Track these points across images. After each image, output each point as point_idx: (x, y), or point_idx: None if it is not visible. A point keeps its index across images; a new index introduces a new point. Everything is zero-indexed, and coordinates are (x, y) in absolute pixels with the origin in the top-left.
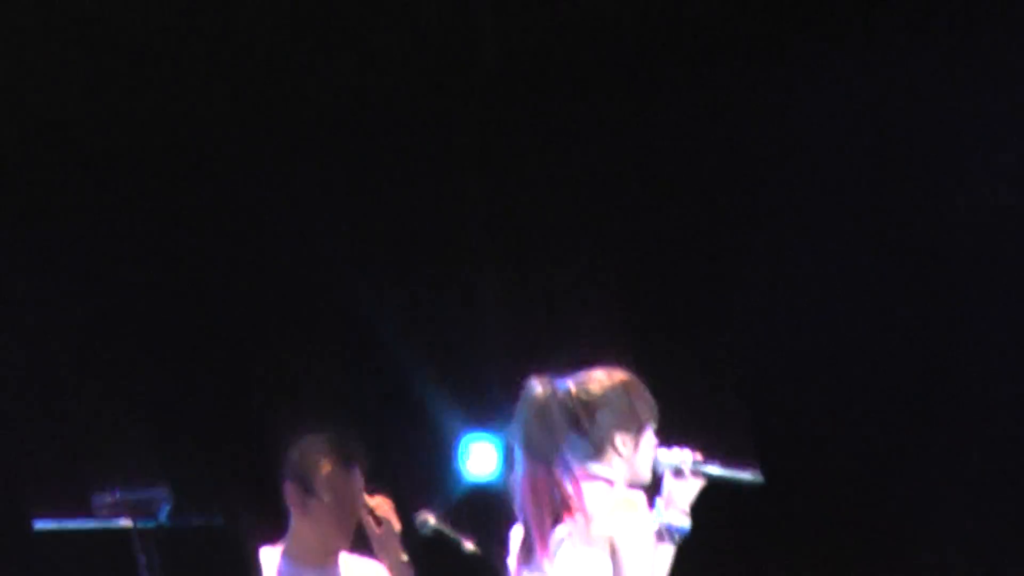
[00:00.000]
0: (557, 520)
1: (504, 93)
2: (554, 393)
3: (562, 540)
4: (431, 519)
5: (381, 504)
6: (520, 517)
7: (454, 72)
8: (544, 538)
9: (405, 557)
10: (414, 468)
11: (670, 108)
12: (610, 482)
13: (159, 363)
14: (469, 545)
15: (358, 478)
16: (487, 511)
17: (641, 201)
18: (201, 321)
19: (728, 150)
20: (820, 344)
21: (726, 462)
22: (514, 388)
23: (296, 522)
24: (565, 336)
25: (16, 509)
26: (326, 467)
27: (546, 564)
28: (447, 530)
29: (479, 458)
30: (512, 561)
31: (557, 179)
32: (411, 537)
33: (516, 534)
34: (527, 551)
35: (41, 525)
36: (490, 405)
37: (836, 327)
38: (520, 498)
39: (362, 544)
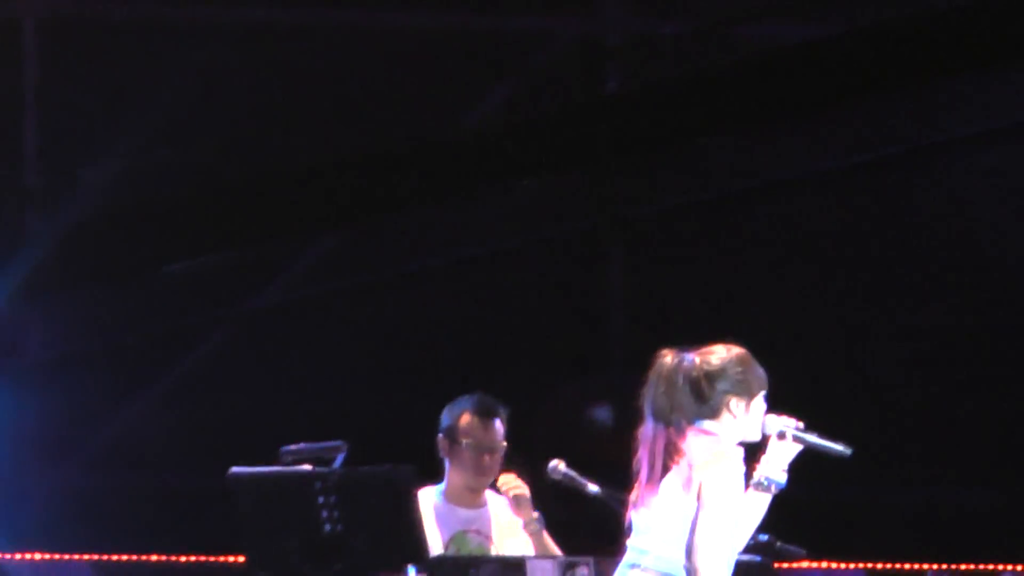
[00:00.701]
0: (667, 469)
1: None
2: (680, 363)
3: (669, 484)
4: (562, 466)
5: (509, 480)
6: (637, 465)
7: None
8: (654, 482)
9: (536, 514)
10: (549, 423)
11: None
12: (715, 436)
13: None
14: (592, 487)
15: (496, 429)
16: (610, 461)
17: None
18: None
19: None
20: None
21: (823, 433)
22: (645, 359)
23: (448, 469)
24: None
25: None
26: (466, 418)
27: (654, 503)
28: (575, 475)
29: (604, 416)
30: (631, 502)
31: None
32: (542, 484)
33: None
34: (640, 494)
35: (236, 471)
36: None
37: None
38: (640, 449)
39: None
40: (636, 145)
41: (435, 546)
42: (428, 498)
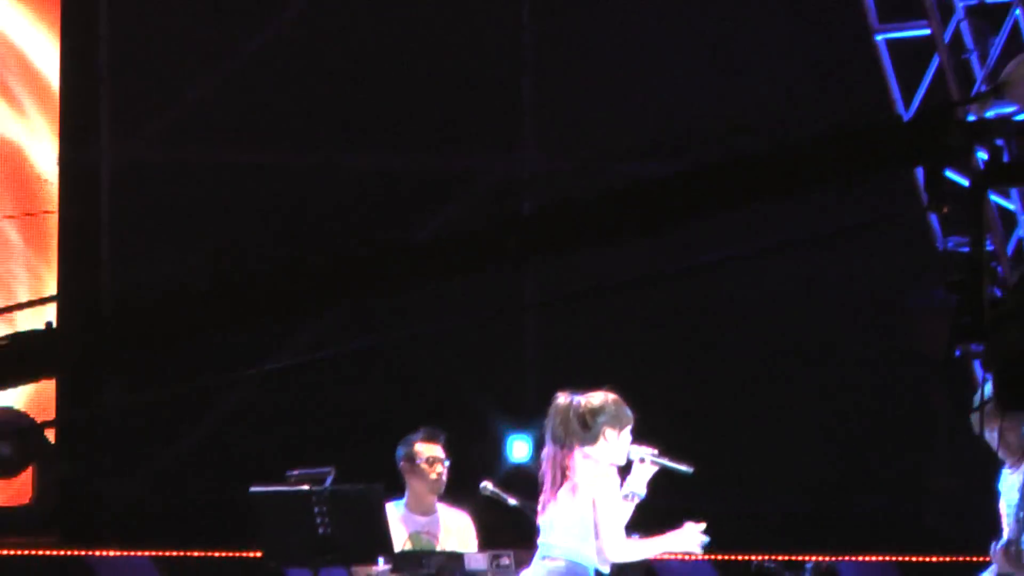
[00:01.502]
0: (563, 481)
1: None
2: (571, 402)
3: (563, 492)
4: (490, 485)
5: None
6: (542, 478)
7: None
8: (554, 490)
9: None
10: (480, 452)
11: None
12: (596, 461)
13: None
14: (512, 500)
15: (441, 448)
16: (525, 480)
17: None
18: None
19: None
20: None
21: (672, 458)
22: (547, 399)
23: (408, 486)
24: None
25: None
26: (419, 443)
27: (551, 509)
28: (499, 491)
29: (518, 448)
30: (539, 509)
31: None
32: (475, 497)
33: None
34: (544, 500)
35: (255, 489)
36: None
37: None
38: (544, 465)
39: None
40: (544, 251)
41: (398, 543)
42: (393, 509)
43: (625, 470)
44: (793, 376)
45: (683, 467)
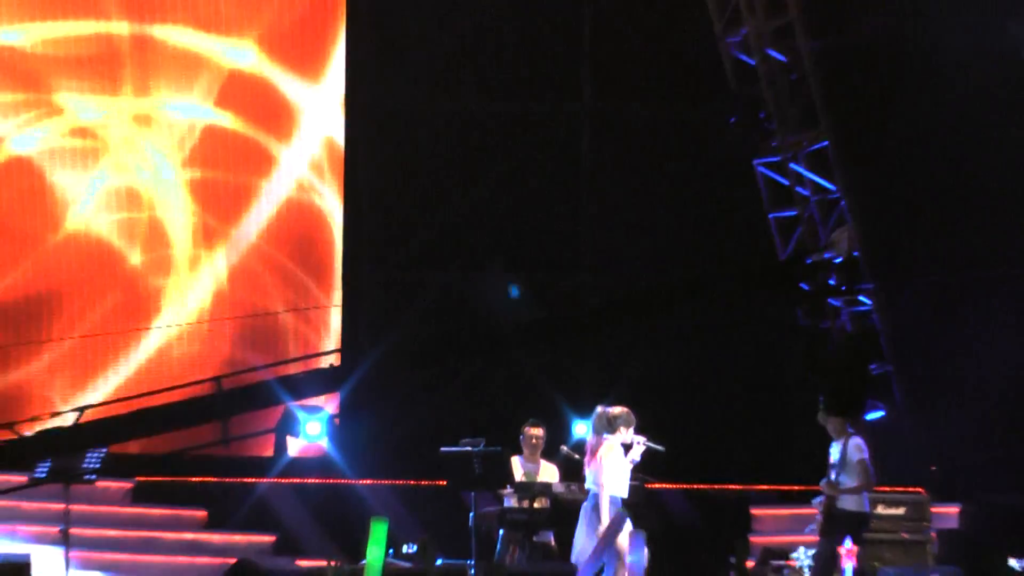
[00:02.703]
0: (596, 453)
1: None
2: (604, 411)
3: (594, 459)
4: (564, 448)
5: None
6: (585, 451)
7: None
8: (591, 457)
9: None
10: (558, 430)
11: None
12: (612, 442)
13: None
14: (576, 457)
15: (540, 431)
16: (580, 449)
17: None
18: None
19: None
20: None
21: (654, 441)
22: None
23: (524, 448)
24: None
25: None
26: (526, 428)
27: (591, 465)
28: (570, 452)
29: (580, 428)
30: (586, 464)
31: None
32: (557, 455)
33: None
34: (587, 461)
35: (444, 449)
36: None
37: None
38: (587, 444)
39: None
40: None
41: (517, 477)
42: (516, 460)
43: (629, 448)
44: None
45: (659, 447)
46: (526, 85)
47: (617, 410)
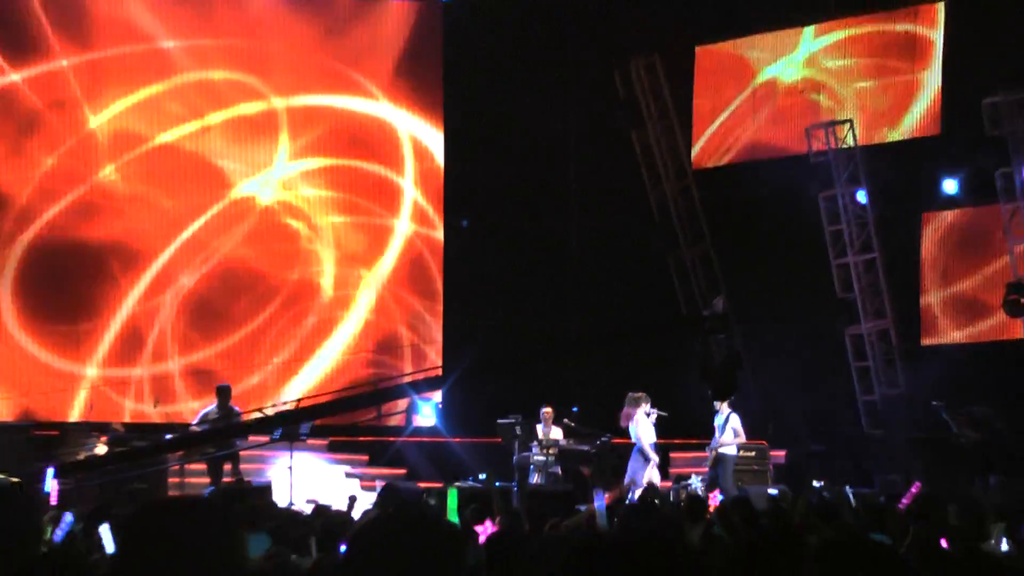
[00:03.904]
0: (631, 418)
1: None
2: (632, 395)
3: (633, 423)
4: (565, 420)
5: None
6: (623, 416)
7: None
8: (628, 421)
9: None
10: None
11: None
12: (635, 412)
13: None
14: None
15: (550, 411)
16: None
17: None
18: None
19: None
20: None
21: (661, 410)
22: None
23: (542, 419)
24: None
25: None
26: (544, 409)
27: (631, 427)
28: (570, 423)
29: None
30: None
31: None
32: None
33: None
34: (623, 425)
35: (499, 421)
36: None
37: None
38: (623, 413)
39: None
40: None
41: (539, 436)
42: (538, 427)
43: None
44: None
45: (664, 413)
46: None
47: (640, 394)
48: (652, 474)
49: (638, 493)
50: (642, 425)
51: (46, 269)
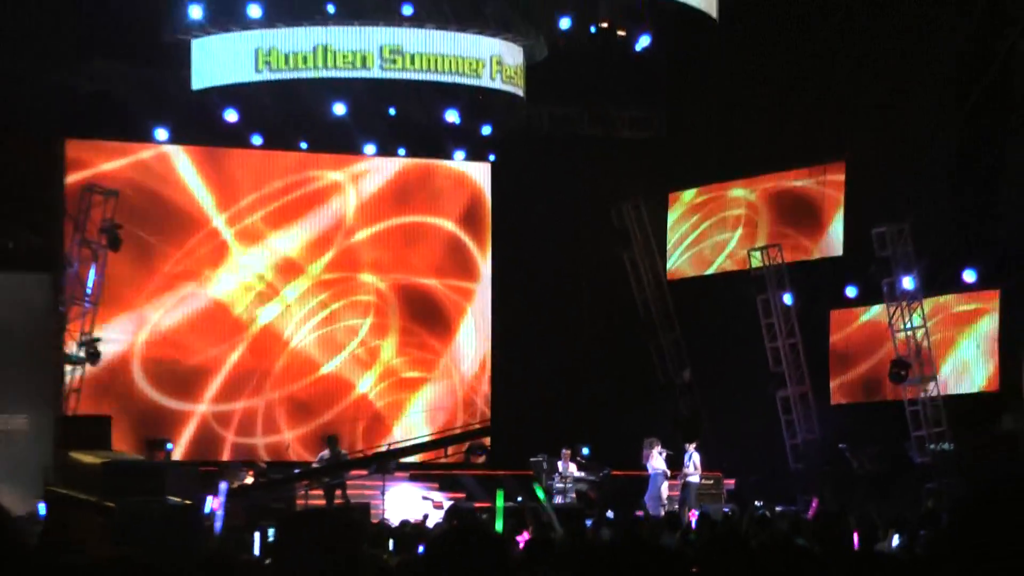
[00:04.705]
0: (648, 458)
1: None
2: (649, 439)
3: (649, 459)
4: (579, 456)
5: None
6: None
7: None
8: (647, 459)
9: None
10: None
11: None
12: (654, 452)
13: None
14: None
15: (568, 452)
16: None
17: None
18: None
19: None
20: None
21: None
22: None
23: (561, 457)
24: None
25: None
26: (564, 451)
27: (648, 463)
28: (582, 460)
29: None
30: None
31: None
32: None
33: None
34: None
35: (532, 459)
36: None
37: None
38: (644, 452)
39: None
40: None
41: (560, 471)
42: (559, 462)
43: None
44: None
45: (670, 452)
46: None
47: (652, 439)
48: (661, 493)
49: (663, 511)
50: (654, 460)
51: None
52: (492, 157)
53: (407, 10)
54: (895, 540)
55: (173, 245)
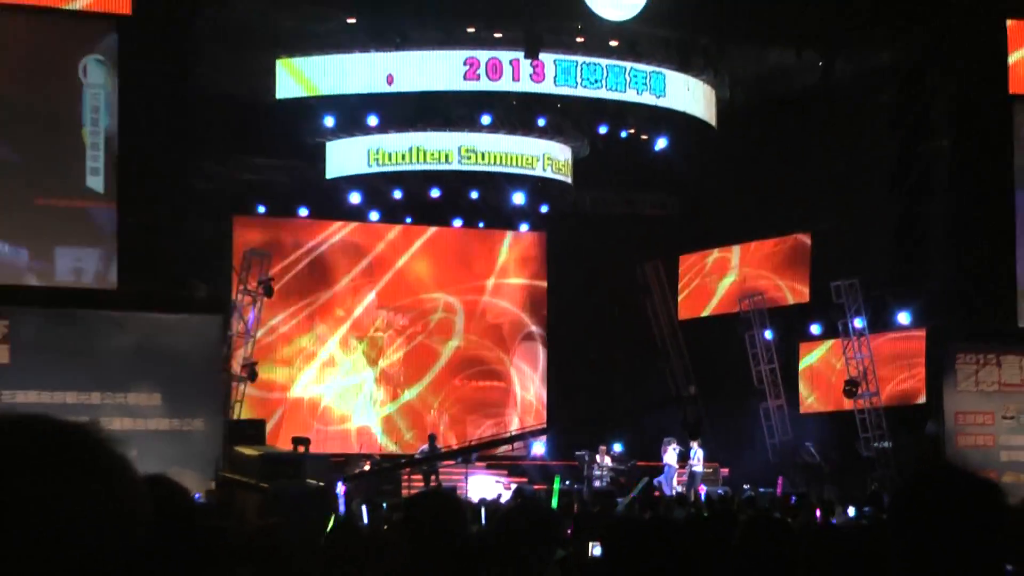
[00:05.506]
0: (664, 453)
1: None
2: (666, 439)
3: (665, 455)
4: (614, 451)
5: None
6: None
7: None
8: (664, 453)
9: None
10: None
11: None
12: (669, 448)
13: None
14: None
15: (605, 448)
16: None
17: None
18: None
19: None
20: None
21: (679, 446)
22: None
23: (598, 454)
24: None
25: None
26: (601, 446)
27: (665, 458)
28: (615, 456)
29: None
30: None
31: None
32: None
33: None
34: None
35: (577, 452)
36: None
37: None
38: (662, 449)
39: None
40: None
41: (599, 462)
42: (597, 456)
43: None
44: None
45: (681, 447)
46: None
47: (669, 437)
48: (673, 481)
49: (675, 492)
50: (669, 454)
51: None
52: (548, 229)
53: (486, 120)
54: (850, 512)
55: (314, 293)
